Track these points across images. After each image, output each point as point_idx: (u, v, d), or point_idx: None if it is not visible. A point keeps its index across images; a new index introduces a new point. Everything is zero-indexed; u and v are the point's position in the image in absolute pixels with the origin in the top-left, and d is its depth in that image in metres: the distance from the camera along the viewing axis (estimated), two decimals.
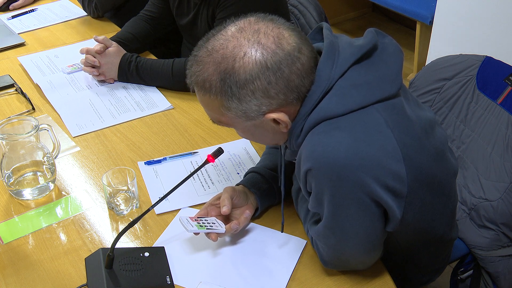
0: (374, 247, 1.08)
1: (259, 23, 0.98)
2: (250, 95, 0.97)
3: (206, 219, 1.19)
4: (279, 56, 0.95)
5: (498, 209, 1.39)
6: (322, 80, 0.99)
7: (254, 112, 0.99)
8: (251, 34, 0.96)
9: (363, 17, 4.22)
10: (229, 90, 0.97)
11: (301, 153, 1.01)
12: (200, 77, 0.99)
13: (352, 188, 0.96)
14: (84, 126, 1.61)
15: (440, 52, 2.39)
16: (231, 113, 1.00)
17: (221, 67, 0.96)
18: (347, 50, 1.01)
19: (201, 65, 0.99)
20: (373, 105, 0.99)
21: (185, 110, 1.68)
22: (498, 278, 1.40)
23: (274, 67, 0.95)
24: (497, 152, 1.42)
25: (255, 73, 0.95)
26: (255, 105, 0.98)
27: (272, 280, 1.13)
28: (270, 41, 0.96)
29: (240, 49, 0.95)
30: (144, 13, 2.00)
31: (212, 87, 0.98)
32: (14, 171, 1.34)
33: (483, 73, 1.48)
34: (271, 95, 0.97)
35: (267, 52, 0.95)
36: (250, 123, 1.03)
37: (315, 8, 1.96)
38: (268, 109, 0.99)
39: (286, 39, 0.97)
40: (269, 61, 0.95)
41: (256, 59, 0.95)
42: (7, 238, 1.25)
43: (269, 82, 0.96)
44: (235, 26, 0.99)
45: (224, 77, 0.96)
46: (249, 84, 0.96)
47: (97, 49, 1.77)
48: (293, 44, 0.97)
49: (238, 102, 0.98)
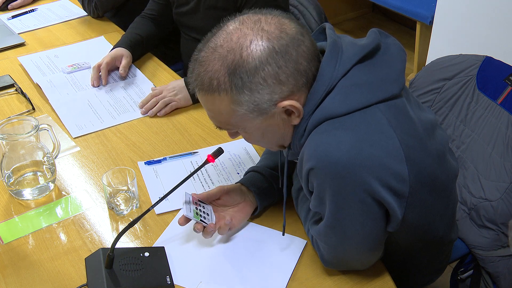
0: (375, 247, 1.08)
1: (258, 14, 0.99)
2: (262, 83, 0.96)
3: (203, 207, 1.20)
4: (284, 40, 0.96)
5: (498, 209, 1.39)
6: (325, 79, 0.99)
7: (266, 102, 0.98)
8: (253, 23, 0.97)
9: (363, 17, 4.22)
10: (240, 81, 0.96)
11: (304, 152, 1.00)
12: (205, 76, 0.98)
13: (354, 187, 0.96)
14: (84, 126, 1.61)
15: (440, 52, 2.39)
16: (243, 108, 0.99)
17: (228, 59, 0.96)
18: (350, 49, 1.01)
19: (205, 64, 0.98)
20: (376, 105, 0.99)
21: (185, 110, 1.68)
22: (498, 278, 1.40)
23: (282, 50, 0.95)
24: (497, 152, 1.42)
25: (264, 59, 0.95)
26: (267, 94, 0.97)
27: (272, 280, 1.13)
28: (273, 27, 0.97)
29: (246, 38, 0.95)
30: (147, 13, 2.00)
31: (220, 84, 0.97)
32: (14, 171, 1.34)
33: (483, 73, 1.48)
34: (282, 80, 0.96)
35: (272, 37, 0.95)
36: (262, 118, 1.01)
37: (315, 8, 1.96)
38: (280, 97, 0.98)
39: (287, 25, 0.98)
40: (276, 45, 0.95)
41: (263, 45, 0.95)
42: (7, 238, 1.25)
43: (279, 66, 0.95)
44: (235, 21, 0.99)
45: (233, 70, 0.95)
46: (259, 71, 0.95)
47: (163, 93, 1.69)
48: (294, 29, 0.98)
49: (250, 92, 0.97)
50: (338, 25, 4.06)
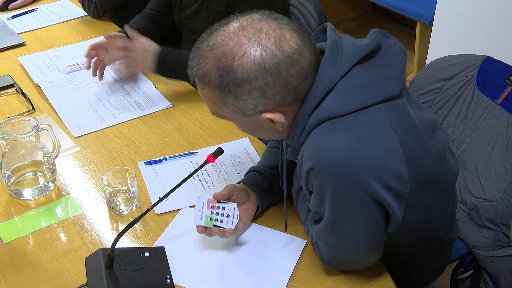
0: (375, 247, 1.08)
1: (262, 22, 0.97)
2: (246, 94, 0.97)
3: (224, 208, 1.17)
4: (278, 58, 0.95)
5: (498, 209, 1.39)
6: (324, 80, 0.99)
7: (250, 110, 1.00)
8: (252, 33, 0.96)
9: (363, 17, 4.21)
10: (227, 87, 0.97)
11: (303, 152, 1.01)
12: (200, 70, 0.99)
13: (353, 187, 0.96)
14: (85, 126, 1.61)
15: (440, 52, 2.40)
16: (228, 109, 1.01)
17: (221, 63, 0.96)
18: (350, 50, 1.01)
19: (202, 59, 0.99)
20: (376, 105, 0.99)
21: (185, 109, 1.68)
22: (498, 278, 1.40)
23: (272, 68, 0.95)
24: (497, 152, 1.42)
25: (252, 73, 0.95)
26: (252, 104, 0.98)
27: (272, 280, 1.13)
28: (271, 42, 0.95)
29: (240, 48, 0.95)
30: (147, 11, 1.99)
31: (211, 82, 0.98)
32: (14, 171, 1.34)
33: (483, 73, 1.48)
34: (268, 95, 0.97)
35: (266, 53, 0.94)
36: (247, 119, 1.03)
37: (315, 8, 1.96)
38: (264, 109, 0.99)
39: (287, 41, 0.96)
40: (267, 62, 0.94)
41: (254, 60, 0.94)
42: (7, 238, 1.25)
43: (266, 83, 0.95)
44: (237, 23, 0.98)
45: (222, 74, 0.96)
46: (246, 83, 0.96)
47: (131, 34, 1.68)
48: (294, 46, 0.96)
49: (235, 99, 0.98)
50: (338, 25, 4.05)
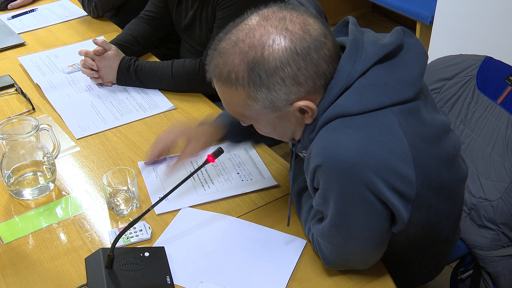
0: (379, 246, 1.07)
1: (283, 11, 0.98)
2: (280, 83, 0.96)
3: (134, 227, 1.23)
4: (307, 42, 0.95)
5: (498, 209, 1.39)
6: (342, 77, 0.98)
7: (282, 101, 0.98)
8: (278, 21, 0.96)
9: (363, 17, 4.22)
10: (258, 78, 0.96)
11: (312, 148, 1.00)
12: (224, 69, 0.98)
13: (360, 187, 0.96)
14: (87, 128, 1.61)
15: (440, 52, 2.39)
16: (258, 104, 0.99)
17: (249, 56, 0.95)
18: (369, 48, 1.00)
19: (225, 57, 0.97)
20: (390, 107, 0.98)
21: (185, 110, 1.68)
22: (498, 278, 1.40)
23: (303, 52, 0.95)
24: (497, 152, 1.43)
25: (285, 60, 0.94)
26: (284, 94, 0.97)
27: (272, 280, 1.13)
28: (297, 27, 0.96)
29: (269, 36, 0.95)
30: (144, 14, 1.99)
31: (238, 78, 0.97)
32: (14, 171, 1.34)
33: (483, 73, 1.49)
34: (301, 81, 0.96)
35: (295, 38, 0.95)
36: (276, 114, 1.02)
37: (315, 8, 1.96)
38: (297, 97, 0.98)
39: (311, 25, 0.97)
40: (298, 46, 0.95)
41: (285, 46, 0.94)
42: (7, 238, 1.25)
43: (299, 68, 0.95)
44: (259, 15, 0.98)
45: (252, 66, 0.95)
46: (279, 71, 0.95)
47: (96, 51, 1.76)
48: (319, 29, 0.97)
49: (267, 91, 0.97)
50: None
